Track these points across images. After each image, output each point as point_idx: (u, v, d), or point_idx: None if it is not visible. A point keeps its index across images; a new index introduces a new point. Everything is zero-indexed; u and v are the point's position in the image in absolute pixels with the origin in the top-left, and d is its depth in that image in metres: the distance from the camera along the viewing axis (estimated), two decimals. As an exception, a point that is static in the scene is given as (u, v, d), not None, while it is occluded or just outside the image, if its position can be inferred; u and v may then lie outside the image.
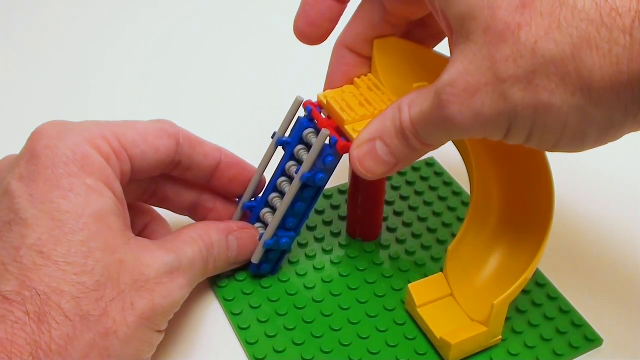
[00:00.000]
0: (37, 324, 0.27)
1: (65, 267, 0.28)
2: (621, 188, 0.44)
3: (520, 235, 0.35)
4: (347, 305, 0.36)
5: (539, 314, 0.36)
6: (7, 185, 0.30)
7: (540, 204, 0.34)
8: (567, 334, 0.35)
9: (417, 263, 0.38)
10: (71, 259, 0.28)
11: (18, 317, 0.27)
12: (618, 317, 0.36)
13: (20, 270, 0.28)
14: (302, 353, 0.34)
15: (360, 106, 0.34)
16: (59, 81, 0.53)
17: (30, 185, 0.29)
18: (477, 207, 0.35)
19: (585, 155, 0.46)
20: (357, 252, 0.39)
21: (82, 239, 0.29)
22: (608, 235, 0.41)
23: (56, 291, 0.28)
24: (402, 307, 0.36)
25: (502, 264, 0.35)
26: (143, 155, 0.33)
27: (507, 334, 0.35)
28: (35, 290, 0.27)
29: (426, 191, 0.43)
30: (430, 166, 0.45)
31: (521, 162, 0.35)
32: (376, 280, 0.37)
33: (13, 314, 0.27)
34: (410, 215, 0.41)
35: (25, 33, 0.59)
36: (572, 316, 0.36)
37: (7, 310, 0.27)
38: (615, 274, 0.39)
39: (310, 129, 0.35)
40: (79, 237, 0.29)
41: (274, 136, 0.36)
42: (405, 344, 0.34)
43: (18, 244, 0.28)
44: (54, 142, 0.30)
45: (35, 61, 0.55)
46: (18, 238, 0.28)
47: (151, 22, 0.60)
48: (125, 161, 0.32)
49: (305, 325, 0.35)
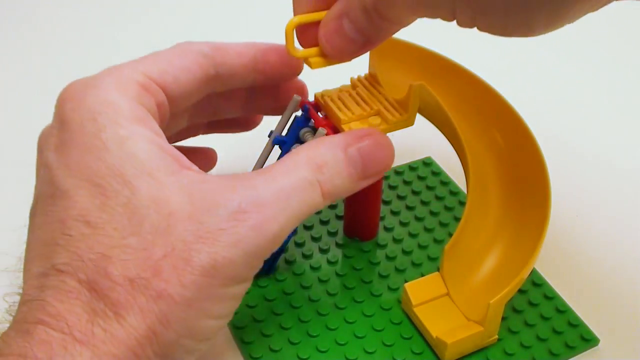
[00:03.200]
0: (90, 291, 0.26)
1: (111, 233, 0.26)
2: (620, 188, 0.44)
3: (516, 235, 0.35)
4: (343, 304, 0.36)
5: (535, 314, 0.36)
6: (45, 159, 0.29)
7: (537, 204, 0.34)
8: (563, 334, 0.35)
9: (414, 262, 0.38)
10: (116, 223, 0.27)
11: (72, 286, 0.26)
12: (615, 317, 0.36)
13: (68, 242, 0.27)
14: (298, 352, 0.34)
15: (356, 105, 0.34)
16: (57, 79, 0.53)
17: (64, 153, 0.28)
18: (474, 207, 0.35)
19: (584, 154, 0.46)
20: (354, 252, 0.39)
21: (124, 200, 0.27)
22: (606, 235, 0.41)
23: (103, 257, 0.26)
24: (398, 307, 0.36)
25: (499, 264, 0.35)
26: (175, 79, 0.31)
27: (503, 334, 0.35)
28: (83, 258, 0.26)
29: (423, 190, 0.43)
30: (427, 165, 0.45)
31: (518, 160, 0.35)
32: (372, 280, 0.37)
33: (66, 283, 0.26)
34: (407, 215, 0.41)
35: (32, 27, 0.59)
36: (568, 316, 0.36)
37: (61, 281, 0.26)
38: (612, 274, 0.39)
39: (306, 128, 0.35)
40: (121, 199, 0.27)
41: (271, 135, 0.36)
42: (401, 343, 0.34)
43: (63, 216, 0.27)
44: (77, 102, 0.29)
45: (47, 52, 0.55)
46: (62, 211, 0.27)
47: (152, 21, 0.60)
48: (157, 92, 0.30)
49: (301, 325, 0.35)
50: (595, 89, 0.54)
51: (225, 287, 0.27)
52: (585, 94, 0.53)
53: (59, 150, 0.28)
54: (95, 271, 0.26)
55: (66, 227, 0.27)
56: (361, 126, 0.33)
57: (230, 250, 0.27)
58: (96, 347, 0.25)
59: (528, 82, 0.54)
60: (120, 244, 0.26)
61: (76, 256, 0.26)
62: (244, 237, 0.27)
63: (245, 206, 0.27)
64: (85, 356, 0.25)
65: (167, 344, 0.26)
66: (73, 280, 0.26)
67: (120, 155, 0.27)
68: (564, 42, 0.55)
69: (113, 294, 0.26)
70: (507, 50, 0.55)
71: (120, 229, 0.27)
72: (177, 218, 0.27)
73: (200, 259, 0.26)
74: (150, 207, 0.27)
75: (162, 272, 0.26)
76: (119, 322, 0.26)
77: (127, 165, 0.27)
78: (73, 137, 0.28)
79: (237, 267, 0.27)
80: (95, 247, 0.26)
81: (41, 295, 0.26)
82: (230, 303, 0.28)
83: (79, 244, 0.27)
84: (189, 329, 0.27)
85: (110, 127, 0.28)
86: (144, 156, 0.28)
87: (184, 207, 0.27)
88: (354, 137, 0.31)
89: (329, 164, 0.29)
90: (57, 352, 0.25)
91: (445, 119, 0.36)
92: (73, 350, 0.25)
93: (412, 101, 0.33)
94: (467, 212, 0.35)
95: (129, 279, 0.26)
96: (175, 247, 0.26)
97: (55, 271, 0.26)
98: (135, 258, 0.26)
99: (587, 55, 0.57)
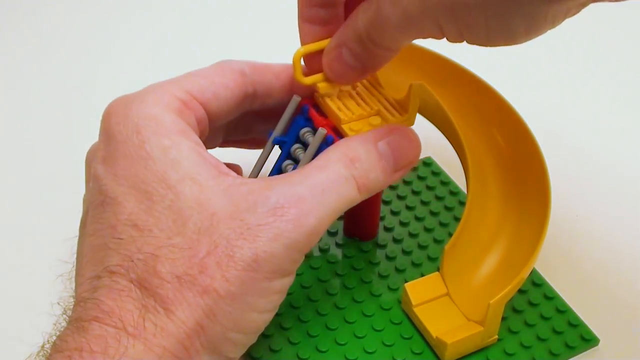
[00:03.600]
0: (140, 289, 0.27)
1: (158, 234, 0.28)
2: (619, 188, 0.44)
3: (516, 234, 0.35)
4: (343, 304, 0.36)
5: (535, 314, 0.36)
6: (93, 171, 0.31)
7: (536, 204, 0.34)
8: (563, 334, 0.35)
9: (414, 262, 0.38)
10: (162, 224, 0.28)
11: (124, 285, 0.27)
12: (615, 317, 0.36)
13: (119, 245, 0.28)
14: (298, 352, 0.34)
15: (357, 106, 0.34)
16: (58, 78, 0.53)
17: (112, 165, 0.30)
18: (474, 207, 0.35)
19: (584, 154, 0.46)
20: (354, 252, 0.39)
21: (169, 203, 0.29)
22: (606, 235, 0.41)
23: (151, 257, 0.28)
24: (398, 307, 0.36)
25: (499, 264, 0.35)
26: (215, 96, 0.33)
27: (503, 334, 0.35)
28: (133, 259, 0.28)
29: (423, 190, 0.43)
30: (427, 165, 0.45)
31: (518, 161, 0.35)
32: (372, 280, 0.37)
33: (118, 283, 0.28)
34: (407, 215, 0.41)
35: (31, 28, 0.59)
36: (568, 316, 0.36)
37: (113, 281, 0.28)
38: (612, 274, 0.39)
39: (307, 128, 0.35)
40: (166, 202, 0.29)
41: (271, 135, 0.36)
42: (401, 343, 0.34)
43: (113, 221, 0.29)
44: (122, 117, 0.31)
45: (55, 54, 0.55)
46: (112, 216, 0.29)
47: (152, 21, 0.60)
48: (197, 108, 0.32)
49: (301, 325, 0.35)
50: (596, 89, 0.54)
51: (268, 281, 0.28)
52: (586, 94, 0.53)
53: (106, 162, 0.30)
54: (144, 270, 0.28)
55: (116, 232, 0.29)
56: (361, 126, 0.33)
57: (271, 244, 0.28)
58: (147, 340, 0.26)
59: (528, 82, 0.54)
60: (167, 243, 0.28)
61: (126, 257, 0.28)
62: (283, 232, 0.28)
63: (283, 202, 0.28)
64: (138, 348, 0.26)
65: (214, 337, 0.28)
66: (124, 280, 0.28)
67: (164, 162, 0.29)
68: (563, 42, 0.55)
69: (162, 291, 0.27)
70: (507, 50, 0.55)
71: (166, 230, 0.28)
72: (220, 217, 0.28)
73: (243, 255, 0.28)
74: (194, 209, 0.28)
75: (207, 269, 0.27)
76: (168, 317, 0.27)
77: (170, 171, 0.29)
78: (119, 149, 0.30)
79: (278, 260, 0.28)
80: (144, 248, 0.28)
81: (94, 295, 0.28)
82: (274, 297, 0.29)
83: (129, 246, 0.28)
84: (235, 323, 0.28)
85: (153, 139, 0.30)
86: (186, 163, 0.29)
87: (226, 207, 0.28)
88: (383, 132, 0.32)
89: (362, 159, 0.31)
90: (111, 345, 0.26)
91: (445, 118, 0.36)
92: (126, 342, 0.26)
93: (412, 101, 0.33)
94: (467, 212, 0.35)
95: (176, 276, 0.27)
96: (219, 245, 0.28)
97: (107, 272, 0.28)
98: (182, 257, 0.28)
99: (587, 55, 0.57)
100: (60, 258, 0.37)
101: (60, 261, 0.37)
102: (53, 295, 0.36)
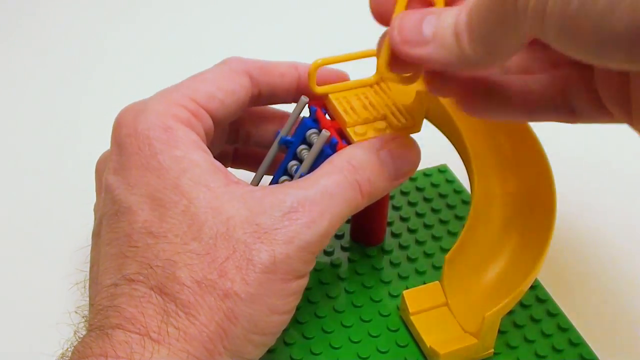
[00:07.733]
0: (161, 295, 0.28)
1: (174, 240, 0.29)
2: (631, 202, 0.43)
3: (520, 246, 0.34)
4: (341, 308, 0.36)
5: (536, 330, 0.35)
6: (105, 181, 0.31)
7: (541, 217, 0.33)
8: (562, 352, 0.34)
9: (418, 270, 0.38)
10: (177, 230, 0.29)
11: (144, 292, 0.28)
12: (618, 338, 0.35)
13: (136, 253, 0.29)
14: (292, 353, 0.34)
15: (363, 109, 0.34)
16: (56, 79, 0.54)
17: (124, 175, 0.31)
18: (477, 216, 0.35)
19: (592, 171, 0.45)
20: (359, 256, 0.39)
21: (182, 209, 0.29)
22: (616, 254, 0.40)
23: (169, 263, 0.28)
24: (397, 314, 0.36)
25: (499, 276, 0.34)
26: (222, 103, 0.33)
27: (500, 348, 0.34)
28: (151, 266, 0.28)
29: (435, 198, 0.42)
30: (442, 173, 0.44)
31: (524, 171, 0.35)
32: (373, 285, 0.37)
33: (138, 290, 0.28)
34: (415, 222, 0.41)
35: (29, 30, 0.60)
36: (570, 334, 0.35)
37: (133, 289, 0.28)
38: (620, 295, 0.38)
39: (313, 129, 0.35)
40: (179, 208, 0.29)
41: (278, 135, 0.36)
42: (396, 350, 0.34)
43: (129, 230, 0.29)
44: (132, 129, 0.31)
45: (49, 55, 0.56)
46: (127, 225, 0.30)
47: (152, 21, 0.61)
48: (206, 118, 0.33)
49: (297, 326, 0.35)
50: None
51: (285, 283, 0.29)
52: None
53: (118, 172, 0.31)
54: (164, 276, 0.28)
55: (132, 240, 0.29)
56: (366, 130, 0.33)
57: (287, 246, 0.29)
58: (171, 345, 0.27)
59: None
60: (183, 249, 0.28)
61: (145, 265, 0.29)
62: (298, 234, 0.29)
63: (296, 206, 0.29)
64: (162, 353, 0.27)
65: (235, 339, 0.28)
66: (144, 287, 0.28)
67: (176, 171, 0.30)
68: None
69: (182, 296, 0.28)
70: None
71: (181, 235, 0.29)
72: (235, 222, 0.29)
73: (261, 257, 0.28)
74: (208, 214, 0.29)
75: (227, 273, 0.28)
76: (190, 321, 0.27)
77: (183, 179, 0.30)
78: (131, 159, 0.31)
79: (293, 262, 0.29)
80: (161, 255, 0.28)
81: (114, 303, 0.28)
82: (291, 298, 0.30)
83: (146, 253, 0.29)
84: (255, 324, 0.28)
85: (166, 150, 0.30)
86: (198, 171, 0.30)
87: (241, 212, 0.29)
88: (384, 140, 0.33)
89: (364, 166, 0.31)
90: (136, 350, 0.26)
91: (452, 125, 0.35)
92: (151, 348, 0.27)
93: (418, 107, 0.33)
94: (471, 220, 0.35)
95: (196, 281, 0.28)
96: (237, 249, 0.28)
97: (126, 281, 0.29)
98: (201, 262, 0.28)
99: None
100: (75, 267, 0.38)
101: (75, 270, 0.38)
102: (69, 304, 0.36)
